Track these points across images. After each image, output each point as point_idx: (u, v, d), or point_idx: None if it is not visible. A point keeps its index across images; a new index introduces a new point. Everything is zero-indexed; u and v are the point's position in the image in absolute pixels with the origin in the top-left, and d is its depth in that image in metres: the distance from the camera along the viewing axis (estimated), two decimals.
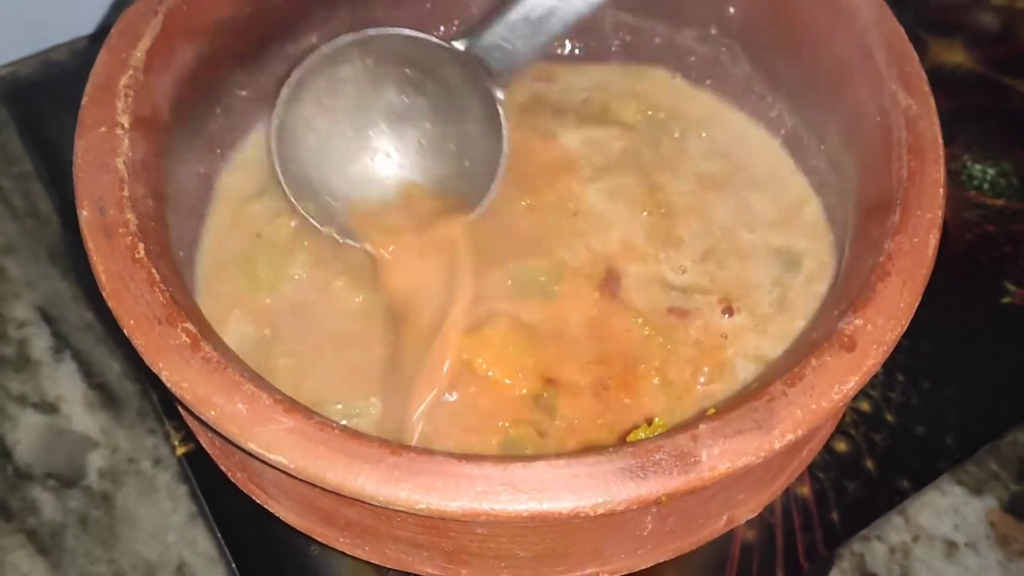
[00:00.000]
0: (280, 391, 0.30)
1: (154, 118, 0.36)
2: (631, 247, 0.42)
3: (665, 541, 0.33)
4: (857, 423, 0.45)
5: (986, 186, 0.54)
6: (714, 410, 0.29)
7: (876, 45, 0.37)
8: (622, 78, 0.49)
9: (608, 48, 0.49)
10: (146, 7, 0.37)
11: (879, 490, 0.44)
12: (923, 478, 0.44)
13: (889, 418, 0.46)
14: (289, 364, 0.39)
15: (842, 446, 0.45)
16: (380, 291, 0.40)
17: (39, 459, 0.45)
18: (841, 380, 0.30)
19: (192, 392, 0.29)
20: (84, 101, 0.35)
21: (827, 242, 0.42)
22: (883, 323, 0.31)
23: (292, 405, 0.29)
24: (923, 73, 0.37)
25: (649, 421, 0.35)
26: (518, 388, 0.37)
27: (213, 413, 0.29)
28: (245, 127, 0.45)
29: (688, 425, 0.29)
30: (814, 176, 0.44)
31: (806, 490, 0.43)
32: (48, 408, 0.46)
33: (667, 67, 0.48)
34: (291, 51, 0.45)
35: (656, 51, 0.48)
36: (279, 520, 0.35)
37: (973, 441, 0.46)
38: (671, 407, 0.38)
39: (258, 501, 0.35)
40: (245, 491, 0.35)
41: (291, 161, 0.40)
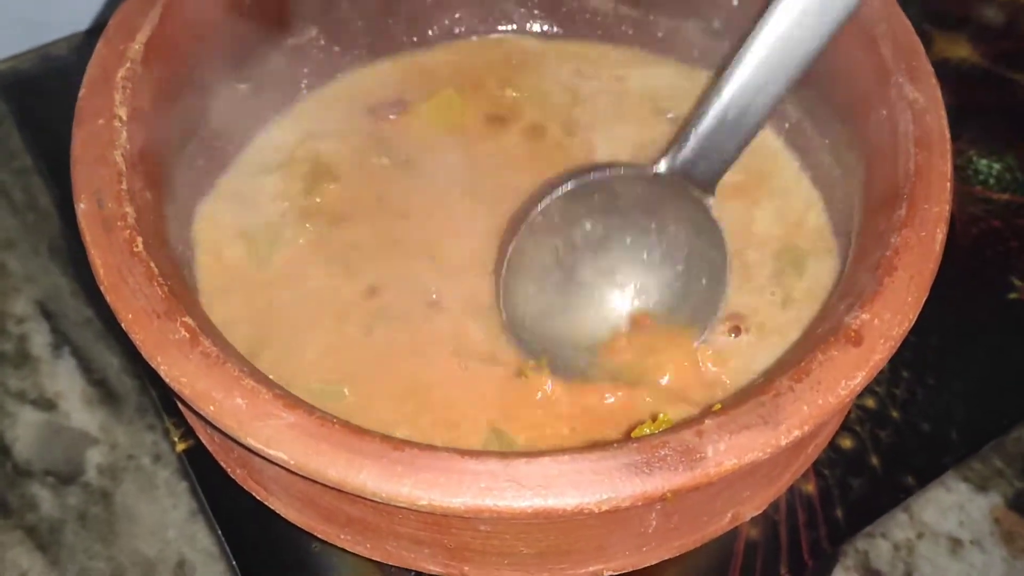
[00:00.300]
0: (280, 386, 0.29)
1: (152, 111, 0.35)
2: None
3: (670, 538, 0.33)
4: (862, 419, 0.45)
5: (992, 181, 0.54)
6: (719, 405, 0.29)
7: (882, 38, 0.37)
8: None
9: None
10: None
11: (884, 487, 0.44)
12: (928, 475, 0.44)
13: (894, 414, 0.45)
14: (264, 339, 0.39)
15: (847, 443, 0.44)
16: None
17: (38, 455, 0.45)
18: (848, 375, 0.29)
19: (191, 387, 0.29)
20: (82, 93, 0.34)
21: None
22: (890, 317, 0.30)
23: (293, 400, 0.29)
24: (930, 66, 0.36)
25: (654, 417, 0.34)
26: None
27: (212, 408, 0.28)
28: (244, 120, 0.44)
29: (693, 421, 0.28)
30: (818, 171, 0.43)
31: (811, 487, 0.43)
32: (47, 404, 0.46)
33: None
34: (291, 44, 0.45)
35: (659, 44, 0.48)
36: (279, 517, 0.34)
37: (978, 438, 0.45)
38: None
39: (258, 497, 0.35)
40: (245, 487, 0.35)
41: (521, 320, 0.39)
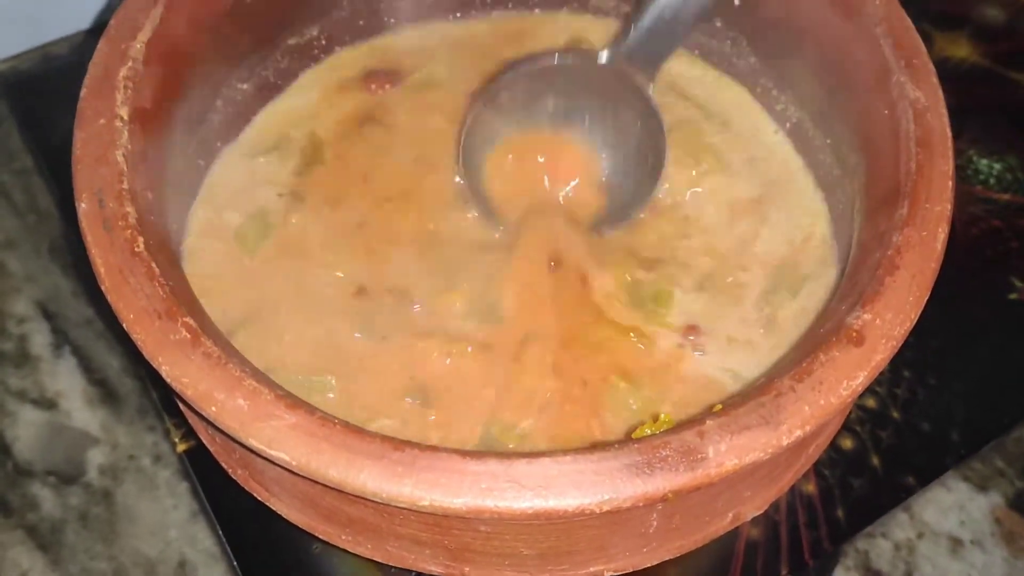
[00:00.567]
0: (282, 387, 0.29)
1: (154, 110, 0.35)
2: None
3: (671, 538, 0.33)
4: (863, 420, 0.45)
5: (992, 180, 0.54)
6: (721, 406, 0.29)
7: (883, 37, 0.37)
8: None
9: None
10: None
11: (884, 487, 0.44)
12: (928, 475, 0.44)
13: (895, 415, 0.45)
14: (257, 331, 0.39)
15: (847, 443, 0.44)
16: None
17: (39, 455, 0.45)
18: (849, 375, 0.29)
19: (193, 387, 0.29)
20: (83, 93, 0.34)
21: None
22: (892, 317, 0.30)
23: (294, 401, 0.29)
24: (931, 65, 0.36)
25: (655, 417, 0.34)
26: None
27: (214, 409, 0.28)
28: (246, 120, 0.44)
29: (695, 421, 0.28)
30: (820, 170, 0.43)
31: (811, 487, 0.43)
32: (48, 404, 0.46)
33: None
34: (291, 43, 0.45)
35: None
36: (280, 517, 0.34)
37: (979, 438, 0.45)
38: None
39: (259, 498, 0.35)
40: (246, 488, 0.35)
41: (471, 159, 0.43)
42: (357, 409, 0.37)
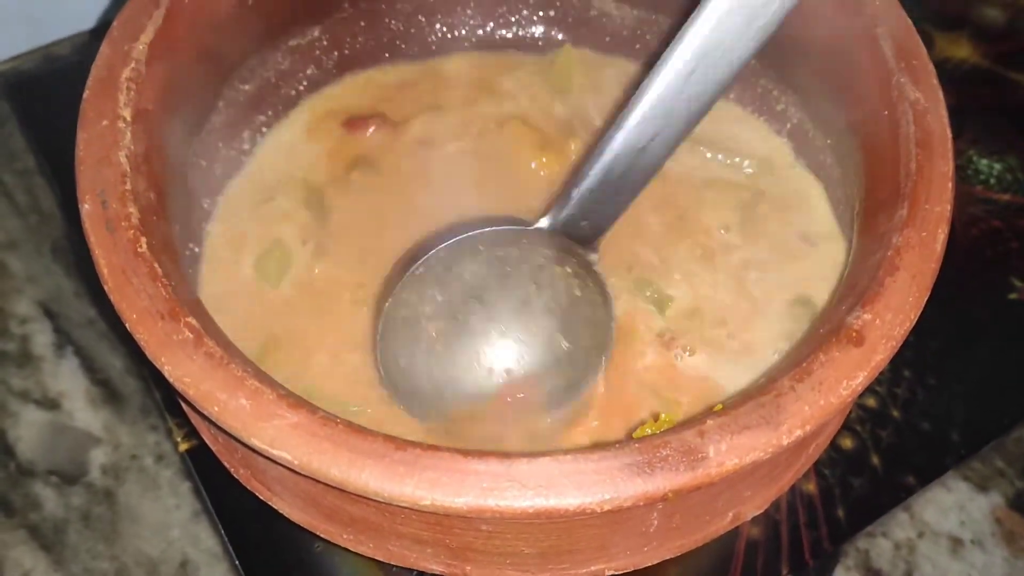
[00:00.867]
0: (284, 386, 0.29)
1: (156, 111, 0.35)
2: None
3: (671, 538, 0.33)
4: (863, 419, 0.45)
5: (992, 181, 0.54)
6: (721, 406, 0.29)
7: (884, 38, 0.37)
8: None
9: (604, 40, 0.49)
10: None
11: (884, 487, 0.44)
12: (929, 475, 0.44)
13: (895, 414, 0.46)
14: (285, 360, 0.39)
15: (848, 442, 0.44)
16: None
17: (41, 455, 0.45)
18: (849, 375, 0.29)
19: (195, 387, 0.29)
20: (86, 94, 0.34)
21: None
22: (892, 318, 0.30)
23: (296, 401, 0.29)
24: (931, 66, 0.36)
25: (655, 417, 0.34)
26: None
27: (216, 409, 0.28)
28: (247, 121, 0.45)
29: (695, 421, 0.28)
30: (820, 171, 0.44)
31: (811, 487, 0.43)
32: (50, 404, 0.46)
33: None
34: (294, 45, 0.45)
35: (659, 45, 0.48)
36: (283, 516, 0.34)
37: (979, 437, 0.46)
38: None
39: (261, 497, 0.35)
40: (248, 487, 0.35)
41: (395, 360, 0.38)
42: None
